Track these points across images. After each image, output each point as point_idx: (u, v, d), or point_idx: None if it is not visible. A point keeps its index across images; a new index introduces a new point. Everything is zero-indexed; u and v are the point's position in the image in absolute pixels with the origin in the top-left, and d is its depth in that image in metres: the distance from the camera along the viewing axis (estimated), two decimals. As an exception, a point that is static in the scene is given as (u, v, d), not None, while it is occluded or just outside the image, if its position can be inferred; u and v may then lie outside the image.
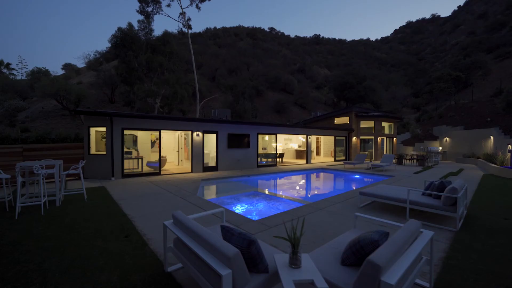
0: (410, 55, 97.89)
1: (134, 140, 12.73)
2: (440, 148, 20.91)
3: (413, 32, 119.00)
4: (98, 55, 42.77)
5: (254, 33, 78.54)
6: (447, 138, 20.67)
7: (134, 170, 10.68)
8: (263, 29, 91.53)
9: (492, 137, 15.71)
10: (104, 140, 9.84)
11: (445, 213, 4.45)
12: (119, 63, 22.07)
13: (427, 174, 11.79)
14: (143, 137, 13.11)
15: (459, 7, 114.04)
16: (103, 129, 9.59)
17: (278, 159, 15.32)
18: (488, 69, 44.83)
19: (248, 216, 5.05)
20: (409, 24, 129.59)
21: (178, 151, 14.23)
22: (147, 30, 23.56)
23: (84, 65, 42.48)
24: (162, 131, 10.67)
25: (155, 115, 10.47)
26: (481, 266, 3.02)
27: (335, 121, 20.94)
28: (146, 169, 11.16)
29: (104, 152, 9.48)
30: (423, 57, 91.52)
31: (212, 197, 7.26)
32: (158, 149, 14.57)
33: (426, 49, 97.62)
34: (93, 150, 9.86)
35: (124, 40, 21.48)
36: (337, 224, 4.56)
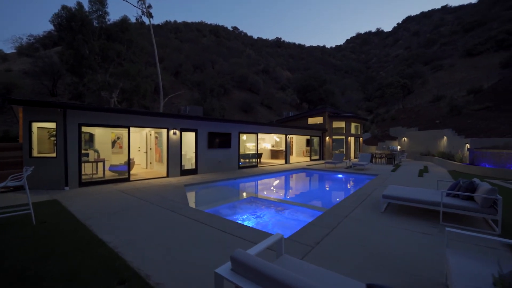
0: (360, 63, 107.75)
1: (87, 139, 10.42)
2: (399, 147, 22.79)
3: (362, 43, 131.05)
4: (33, 40, 35.88)
5: (217, 30, 76.42)
6: (405, 138, 22.64)
7: (94, 176, 8.62)
8: (226, 28, 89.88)
9: (445, 137, 17.56)
10: (53, 139, 7.66)
11: (484, 215, 4.21)
12: (65, 48, 18.50)
13: (403, 171, 12.31)
14: (102, 135, 10.91)
15: (398, 24, 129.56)
16: (52, 125, 7.43)
17: (254, 160, 14.50)
18: (426, 78, 51.49)
19: (270, 232, 4.08)
20: (359, 36, 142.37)
21: (147, 152, 12.27)
22: (100, 12, 20.28)
23: (14, 50, 35.18)
24: (131, 129, 8.83)
25: (124, 109, 8.63)
26: None
27: (308, 121, 21.07)
28: (109, 174, 9.16)
29: (54, 154, 7.32)
30: (370, 66, 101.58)
31: (206, 207, 6.05)
32: (120, 150, 12.43)
33: (373, 59, 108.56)
34: (35, 152, 7.58)
35: (71, 21, 18.04)
36: (380, 236, 3.92)
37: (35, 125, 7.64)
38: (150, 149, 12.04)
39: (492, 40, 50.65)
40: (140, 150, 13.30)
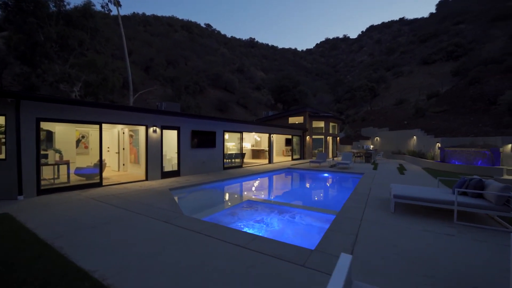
0: (329, 67, 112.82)
1: (45, 138, 8.82)
2: (372, 146, 23.92)
3: (330, 48, 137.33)
4: (-31, 22, 30.54)
5: (189, 26, 73.71)
6: (378, 138, 23.84)
7: (56, 182, 7.23)
8: (199, 24, 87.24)
9: (415, 137, 18.77)
10: (1, 136, 6.19)
11: (497, 213, 4.18)
12: (13, 32, 15.83)
13: (384, 169, 12.68)
14: (64, 133, 9.35)
15: (362, 32, 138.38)
16: (0, 119, 5.97)
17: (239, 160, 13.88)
18: (389, 83, 55.49)
19: (291, 242, 3.54)
20: (327, 41, 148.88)
21: (119, 153, 10.88)
22: (58, -6, 17.81)
23: None
24: (102, 125, 7.59)
25: (95, 102, 7.38)
26: None
27: (289, 120, 21.01)
28: (74, 179, 7.79)
29: (2, 156, 5.89)
30: (338, 70, 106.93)
31: (202, 214, 5.30)
32: (85, 150, 10.89)
33: (340, 63, 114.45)
34: (-24, 154, 6.04)
35: (21, 1, 15.50)
36: (408, 241, 3.63)
37: (-24, 120, 6.09)
38: (123, 149, 10.69)
39: (443, 51, 56.34)
40: (110, 150, 11.80)
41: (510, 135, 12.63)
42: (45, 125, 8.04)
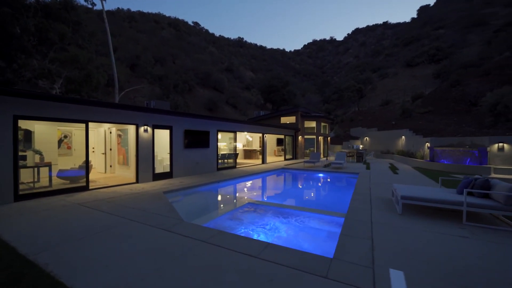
0: (316, 68, 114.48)
1: (23, 138, 8.08)
2: (361, 146, 24.31)
3: (317, 49, 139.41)
4: None
5: (177, 24, 72.09)
6: (367, 138, 24.24)
7: (36, 186, 6.59)
8: (187, 22, 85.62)
9: (403, 136, 19.20)
10: (-29, 136, 5.50)
11: (504, 213, 4.15)
12: (-16, 22, 14.57)
13: (376, 169, 12.79)
14: (44, 133, 8.62)
15: (348, 34, 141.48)
16: (-30, 116, 5.32)
17: (232, 160, 13.54)
18: (375, 85, 56.91)
19: (301, 248, 3.29)
20: (315, 42, 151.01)
21: (105, 153, 10.21)
22: (36, -16, 16.65)
23: None
24: (89, 124, 7.01)
25: (80, 99, 6.79)
26: None
27: (281, 120, 20.87)
28: (56, 182, 7.15)
29: (-27, 158, 5.24)
30: (325, 71, 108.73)
31: (203, 220, 4.94)
32: (68, 151, 10.17)
33: (327, 64, 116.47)
34: None
35: (-6, -10, 14.31)
36: (425, 246, 3.49)
37: None
38: (110, 149, 10.05)
39: (425, 54, 58.51)
40: (95, 151, 11.07)
41: (493, 135, 13.13)
42: (23, 124, 7.35)
